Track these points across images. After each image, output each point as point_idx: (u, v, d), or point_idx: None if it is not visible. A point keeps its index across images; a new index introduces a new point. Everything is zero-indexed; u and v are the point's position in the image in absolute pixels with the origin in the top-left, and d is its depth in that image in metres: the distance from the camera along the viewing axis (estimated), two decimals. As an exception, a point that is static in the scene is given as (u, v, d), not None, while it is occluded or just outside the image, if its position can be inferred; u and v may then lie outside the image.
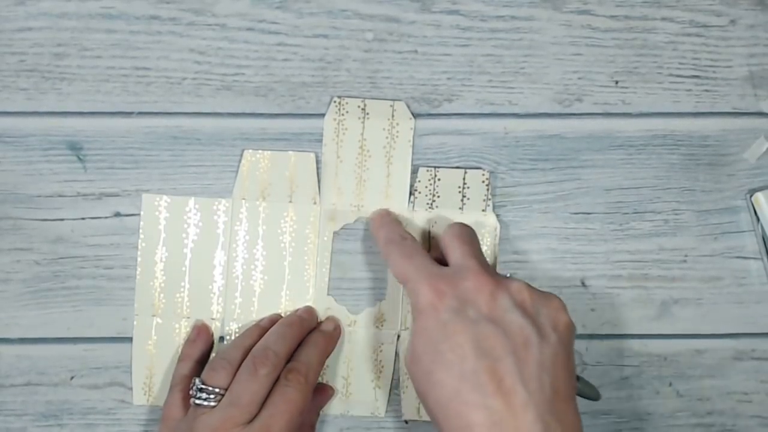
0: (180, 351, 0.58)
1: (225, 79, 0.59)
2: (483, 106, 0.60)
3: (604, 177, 0.60)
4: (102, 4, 0.59)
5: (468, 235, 0.55)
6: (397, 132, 0.59)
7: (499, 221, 0.59)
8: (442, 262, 0.54)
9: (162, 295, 0.59)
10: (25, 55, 0.59)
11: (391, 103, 0.59)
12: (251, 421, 0.52)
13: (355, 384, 0.59)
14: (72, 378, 0.59)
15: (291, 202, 0.59)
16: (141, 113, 0.59)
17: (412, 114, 0.59)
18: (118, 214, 0.59)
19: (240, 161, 0.59)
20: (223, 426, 0.51)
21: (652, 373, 0.60)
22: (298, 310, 0.59)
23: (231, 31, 0.59)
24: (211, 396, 0.53)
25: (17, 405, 0.59)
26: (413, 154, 0.59)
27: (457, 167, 0.59)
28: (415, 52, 0.59)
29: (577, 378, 0.53)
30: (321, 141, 0.59)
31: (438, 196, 0.59)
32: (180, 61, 0.59)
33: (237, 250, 0.59)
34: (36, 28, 0.59)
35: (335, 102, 0.59)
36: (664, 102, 0.60)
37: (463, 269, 0.52)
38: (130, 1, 0.59)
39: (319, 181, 0.59)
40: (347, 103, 0.59)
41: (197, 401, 0.53)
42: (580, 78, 0.60)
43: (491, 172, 0.59)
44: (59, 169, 0.59)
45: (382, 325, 0.59)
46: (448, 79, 0.59)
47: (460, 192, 0.59)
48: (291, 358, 0.55)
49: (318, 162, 0.59)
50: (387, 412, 0.59)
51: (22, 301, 0.59)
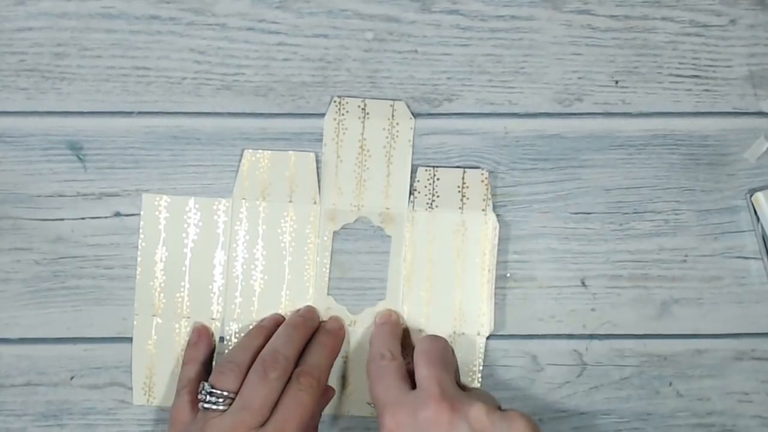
0: (183, 355, 0.58)
1: (225, 78, 0.59)
2: (483, 105, 0.60)
3: (604, 177, 0.60)
4: (102, 4, 0.59)
5: (435, 351, 0.54)
6: (397, 132, 0.59)
7: (499, 221, 0.59)
8: None
9: (162, 294, 0.59)
10: (25, 55, 0.59)
11: (391, 102, 0.59)
12: (263, 424, 0.52)
13: (355, 384, 0.59)
14: (72, 378, 0.59)
15: (291, 201, 0.59)
16: (141, 113, 0.59)
17: (412, 114, 0.59)
18: (118, 214, 0.59)
19: (240, 161, 0.59)
20: (234, 430, 0.51)
21: (652, 373, 0.60)
22: (299, 310, 0.59)
23: (231, 30, 0.59)
24: (220, 400, 0.53)
25: (17, 405, 0.59)
26: (413, 153, 0.59)
27: (457, 167, 0.59)
28: (415, 51, 0.59)
29: None
30: (321, 141, 0.59)
31: (437, 196, 0.59)
32: (180, 61, 0.59)
33: (237, 249, 0.59)
34: (36, 28, 0.59)
35: (335, 102, 0.59)
36: (664, 102, 0.60)
37: (424, 395, 0.51)
38: (130, 1, 0.59)
39: (319, 180, 0.59)
40: (347, 102, 0.59)
41: (206, 405, 0.53)
42: (580, 78, 0.60)
43: (491, 172, 0.59)
44: (59, 169, 0.59)
45: (382, 325, 0.59)
46: (448, 78, 0.59)
47: (459, 192, 0.59)
48: (299, 360, 0.55)
49: (318, 162, 0.59)
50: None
51: (22, 301, 0.59)
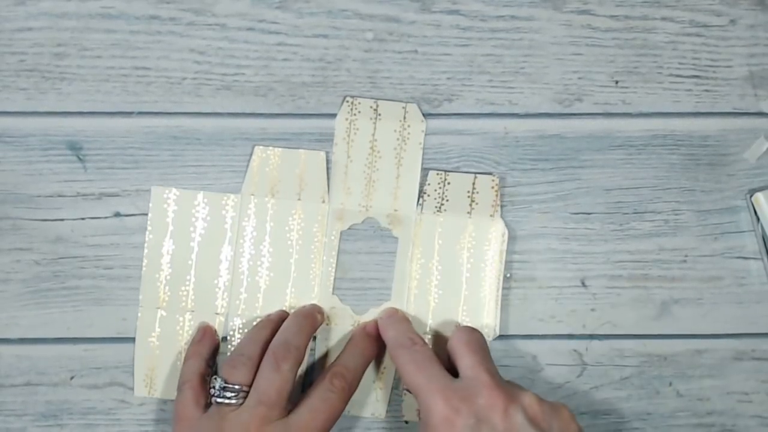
0: (186, 351, 0.58)
1: (225, 79, 0.59)
2: (483, 106, 0.60)
3: (604, 177, 0.60)
4: (102, 4, 0.59)
5: (477, 342, 0.54)
6: (408, 134, 0.59)
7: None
8: (441, 357, 0.54)
9: (167, 287, 0.59)
10: (25, 55, 0.58)
11: (403, 104, 0.59)
12: (282, 417, 0.52)
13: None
14: (72, 378, 0.59)
15: (300, 200, 0.59)
16: (141, 113, 0.59)
17: (424, 116, 0.59)
18: (118, 214, 0.59)
19: (250, 157, 0.59)
20: (254, 423, 0.52)
21: (652, 373, 0.60)
22: (306, 305, 0.59)
23: (231, 31, 0.59)
24: (234, 394, 0.53)
25: (17, 405, 0.59)
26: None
27: (467, 172, 0.59)
28: (415, 52, 0.59)
29: None
30: (321, 141, 0.59)
31: (447, 200, 0.59)
32: (180, 61, 0.59)
33: (244, 245, 0.59)
34: (36, 28, 0.59)
35: (348, 102, 0.59)
36: (664, 102, 0.60)
37: (475, 383, 0.51)
38: (130, 1, 0.59)
39: (328, 180, 0.59)
40: (360, 103, 0.59)
41: (219, 400, 0.53)
42: (580, 78, 0.60)
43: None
44: (59, 169, 0.59)
45: (385, 326, 0.59)
46: (448, 79, 0.59)
47: (469, 196, 0.59)
48: (336, 359, 0.56)
49: (328, 161, 0.59)
50: (387, 412, 0.59)
51: (22, 301, 0.59)
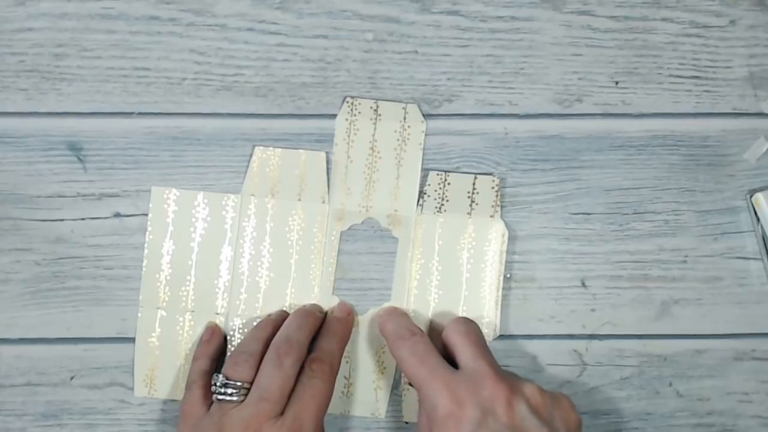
0: (194, 351, 0.58)
1: (225, 79, 0.59)
2: (483, 106, 0.60)
3: (604, 177, 0.60)
4: (102, 4, 0.59)
5: (475, 333, 0.55)
6: (408, 135, 0.59)
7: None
8: (437, 348, 0.54)
9: (167, 287, 0.59)
10: (25, 55, 0.58)
11: (403, 105, 0.59)
12: (281, 413, 0.52)
13: (356, 384, 0.59)
14: (72, 378, 0.59)
15: (300, 200, 0.59)
16: (141, 113, 0.59)
17: (424, 117, 0.59)
18: (118, 215, 0.59)
19: (250, 158, 0.59)
20: (255, 420, 0.51)
21: (652, 373, 0.60)
22: (306, 305, 0.59)
23: (231, 31, 0.59)
24: (236, 390, 0.53)
25: (17, 405, 0.59)
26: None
27: (467, 172, 0.59)
28: (415, 52, 0.59)
29: None
30: (321, 141, 0.59)
31: (447, 200, 0.59)
32: (180, 62, 0.59)
33: (244, 246, 0.59)
34: (36, 29, 0.58)
35: (348, 102, 0.59)
36: (664, 102, 0.60)
37: (478, 375, 0.52)
38: (130, 1, 0.59)
39: (328, 180, 0.59)
40: (360, 103, 0.59)
41: (221, 397, 0.53)
42: (580, 78, 0.60)
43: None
44: (59, 170, 0.59)
45: (384, 326, 0.59)
46: (448, 79, 0.59)
47: (469, 197, 0.59)
48: (311, 348, 0.56)
49: (328, 161, 0.59)
50: (387, 412, 0.59)
51: (22, 301, 0.59)
